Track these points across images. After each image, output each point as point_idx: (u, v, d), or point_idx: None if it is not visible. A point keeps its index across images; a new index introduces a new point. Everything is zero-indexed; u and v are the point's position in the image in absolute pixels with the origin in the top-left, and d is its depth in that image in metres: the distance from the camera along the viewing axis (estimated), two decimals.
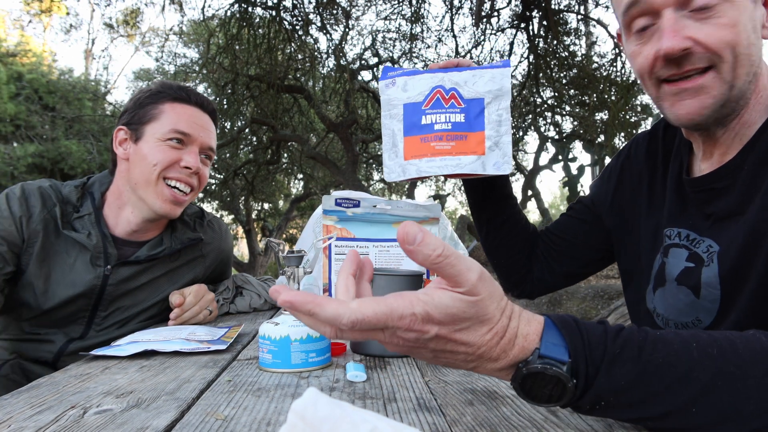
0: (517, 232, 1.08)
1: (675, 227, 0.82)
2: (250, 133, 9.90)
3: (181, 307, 1.18)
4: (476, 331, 0.47)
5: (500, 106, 0.89)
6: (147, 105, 1.22)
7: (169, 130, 1.19)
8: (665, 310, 0.81)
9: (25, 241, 1.12)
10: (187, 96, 1.24)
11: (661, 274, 0.82)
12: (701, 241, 0.77)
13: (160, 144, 1.19)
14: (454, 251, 0.46)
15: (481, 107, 0.89)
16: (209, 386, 0.70)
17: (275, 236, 12.47)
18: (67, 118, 11.39)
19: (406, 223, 0.46)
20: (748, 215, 0.70)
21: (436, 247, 0.45)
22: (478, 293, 0.46)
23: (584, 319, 4.34)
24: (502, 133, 0.88)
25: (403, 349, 0.48)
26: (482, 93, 0.89)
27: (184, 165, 1.20)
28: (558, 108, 8.61)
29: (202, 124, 1.25)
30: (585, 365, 0.47)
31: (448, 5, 7.18)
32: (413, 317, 0.45)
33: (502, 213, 1.07)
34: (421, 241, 0.45)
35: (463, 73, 0.90)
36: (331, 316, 0.44)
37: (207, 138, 1.26)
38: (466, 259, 0.46)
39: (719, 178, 0.74)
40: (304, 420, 0.34)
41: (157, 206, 1.20)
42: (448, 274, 0.46)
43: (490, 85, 0.89)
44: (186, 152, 1.21)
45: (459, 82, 0.90)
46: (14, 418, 0.58)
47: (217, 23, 7.28)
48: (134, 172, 1.20)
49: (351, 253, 0.53)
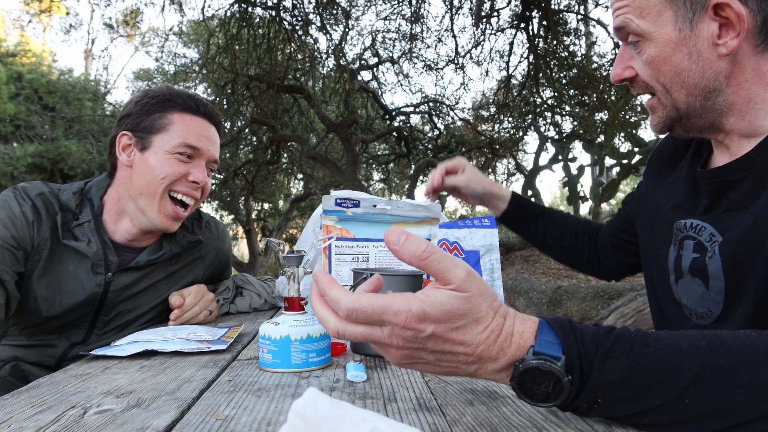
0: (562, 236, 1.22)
1: (685, 218, 0.83)
2: (250, 133, 9.90)
3: (181, 307, 1.18)
4: (472, 329, 0.49)
5: (492, 257, 1.09)
6: (155, 113, 1.19)
7: (179, 143, 1.18)
8: (688, 301, 0.83)
9: (34, 248, 1.11)
10: (197, 107, 1.22)
11: (678, 266, 0.84)
12: (703, 228, 0.78)
13: (169, 157, 1.17)
14: (440, 249, 0.49)
15: (478, 258, 1.08)
16: (209, 386, 0.70)
17: (275, 236, 12.47)
18: (67, 118, 11.39)
19: (390, 228, 0.50)
20: (752, 209, 0.71)
21: (420, 244, 0.48)
22: (468, 289, 0.48)
23: (584, 319, 4.32)
24: (495, 278, 1.07)
25: (403, 356, 0.50)
26: (478, 246, 1.09)
27: (192, 179, 1.19)
28: (558, 108, 8.61)
29: (210, 137, 1.24)
30: (579, 361, 0.49)
31: (448, 5, 7.18)
32: (409, 313, 0.47)
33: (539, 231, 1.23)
34: (405, 240, 0.49)
35: (462, 230, 1.11)
36: (334, 297, 0.49)
37: (214, 151, 1.25)
38: (453, 257, 0.49)
39: (732, 171, 0.75)
40: (304, 420, 0.34)
41: (158, 221, 1.19)
42: (435, 271, 0.48)
43: (483, 241, 1.09)
44: (194, 166, 1.21)
45: (460, 237, 1.10)
46: (14, 418, 0.58)
47: (217, 23, 7.28)
48: (138, 182, 1.18)
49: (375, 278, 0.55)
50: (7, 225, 1.07)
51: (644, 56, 0.76)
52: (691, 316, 0.83)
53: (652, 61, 0.75)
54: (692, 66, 0.73)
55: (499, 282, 1.08)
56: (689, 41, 0.72)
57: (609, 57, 7.30)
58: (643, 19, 0.74)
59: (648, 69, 0.76)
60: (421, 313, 0.47)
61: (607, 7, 7.48)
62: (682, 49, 0.73)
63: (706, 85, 0.74)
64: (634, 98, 6.91)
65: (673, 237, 0.85)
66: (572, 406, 0.50)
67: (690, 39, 0.72)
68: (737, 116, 0.75)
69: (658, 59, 0.75)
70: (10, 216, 1.08)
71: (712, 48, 0.72)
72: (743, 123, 0.75)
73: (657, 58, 0.75)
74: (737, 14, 0.69)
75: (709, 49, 0.72)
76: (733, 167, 0.75)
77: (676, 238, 0.85)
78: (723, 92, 0.74)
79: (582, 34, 7.54)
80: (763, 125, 0.74)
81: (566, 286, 5.26)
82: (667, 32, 0.73)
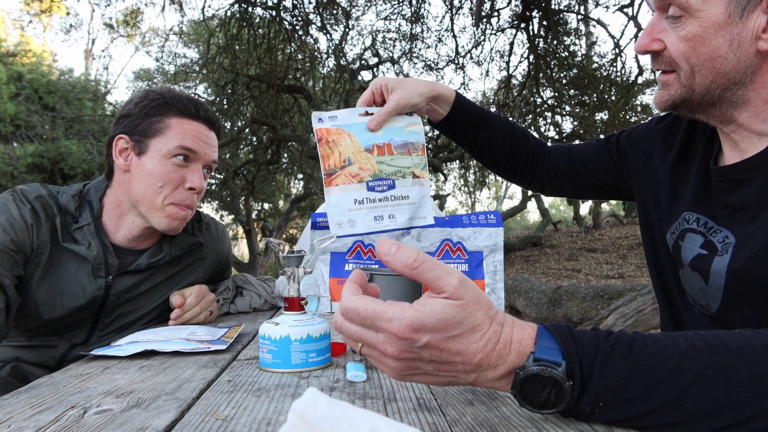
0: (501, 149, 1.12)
1: (695, 212, 0.83)
2: (250, 133, 9.90)
3: (182, 307, 1.18)
4: (468, 338, 0.49)
5: (495, 258, 1.07)
6: (153, 116, 1.18)
7: (176, 146, 1.16)
8: (691, 291, 0.83)
9: (33, 251, 1.10)
10: (196, 111, 1.20)
11: (678, 256, 0.84)
12: (718, 231, 0.78)
13: (165, 162, 1.16)
14: (431, 258, 0.49)
15: (480, 259, 1.07)
16: (209, 386, 0.70)
17: (275, 236, 12.47)
18: (67, 118, 11.39)
19: (381, 240, 0.50)
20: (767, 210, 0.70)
21: (410, 254, 0.48)
22: (461, 296, 0.48)
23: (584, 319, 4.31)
24: (497, 280, 1.06)
25: (401, 368, 0.50)
26: (482, 247, 1.07)
27: (189, 186, 1.18)
28: (558, 108, 8.61)
29: (207, 141, 1.22)
30: (579, 365, 0.49)
31: (448, 5, 7.18)
32: (402, 321, 0.47)
33: (477, 141, 1.11)
34: (396, 251, 0.49)
35: (466, 229, 1.09)
36: (343, 293, 0.51)
37: (212, 154, 1.23)
38: (445, 265, 0.49)
39: (743, 170, 0.75)
40: (304, 420, 0.34)
41: (164, 225, 1.18)
42: (428, 279, 0.48)
43: (488, 241, 1.07)
44: (190, 170, 1.19)
45: (463, 237, 1.07)
46: (14, 418, 0.58)
47: (217, 23, 7.29)
48: (136, 188, 1.17)
49: (356, 273, 0.56)
50: (7, 229, 1.06)
51: (683, 32, 0.72)
52: (695, 305, 0.83)
53: (691, 39, 0.72)
54: (729, 54, 0.71)
55: (501, 284, 1.07)
56: (734, 28, 0.70)
57: (609, 57, 7.30)
58: None
59: (683, 45, 0.73)
60: (415, 322, 0.47)
61: (608, 7, 7.49)
62: (724, 34, 0.70)
63: (734, 77, 0.72)
64: (635, 98, 6.91)
65: (676, 224, 0.85)
66: (574, 412, 0.50)
67: (736, 26, 0.70)
68: (751, 113, 0.74)
69: (698, 38, 0.71)
70: (9, 220, 1.07)
71: (754, 41, 0.70)
72: (756, 120, 0.74)
73: (697, 37, 0.71)
74: None
75: (750, 41, 0.70)
76: (745, 165, 0.75)
77: (678, 226, 0.85)
78: (744, 86, 0.73)
79: (582, 34, 7.54)
80: None
81: (566, 286, 5.26)
82: (715, 13, 0.70)
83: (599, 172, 1.08)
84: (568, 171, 1.11)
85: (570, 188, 1.14)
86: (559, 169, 1.13)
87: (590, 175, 1.09)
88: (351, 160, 0.92)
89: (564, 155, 1.12)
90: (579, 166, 1.10)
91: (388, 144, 0.95)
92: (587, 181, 1.10)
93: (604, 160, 1.06)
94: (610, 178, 1.06)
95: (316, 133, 0.94)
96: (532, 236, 11.20)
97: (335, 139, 0.93)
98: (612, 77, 6.90)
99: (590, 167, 1.09)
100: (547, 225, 12.14)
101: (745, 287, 0.72)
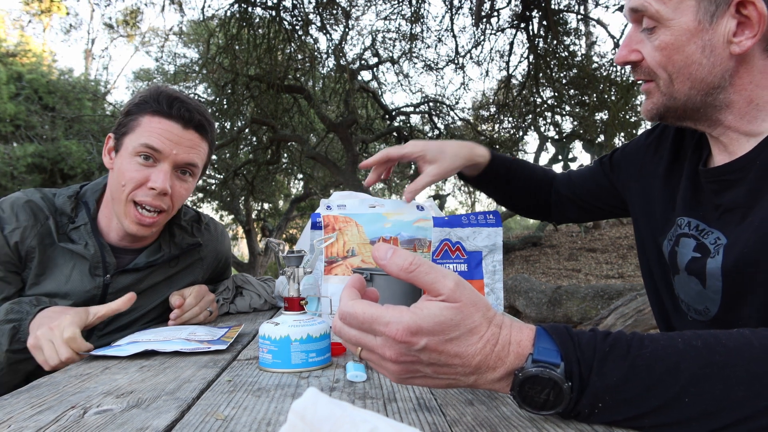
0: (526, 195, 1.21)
1: (686, 216, 0.83)
2: (250, 133, 9.90)
3: (182, 307, 1.18)
4: (466, 340, 0.49)
5: (494, 258, 1.06)
6: (131, 114, 1.16)
7: (140, 144, 1.13)
8: (685, 297, 0.83)
9: (22, 259, 1.12)
10: (168, 109, 1.15)
11: (674, 262, 0.84)
12: (710, 232, 0.78)
13: (131, 159, 1.14)
14: (427, 261, 0.49)
15: (479, 259, 1.06)
16: (209, 386, 0.70)
17: (275, 236, 12.47)
18: (66, 118, 11.38)
19: (377, 244, 0.51)
20: (756, 210, 0.71)
21: (406, 257, 0.49)
22: (458, 299, 0.48)
23: (584, 319, 4.31)
24: (496, 280, 1.06)
25: (401, 371, 0.50)
26: (481, 247, 1.06)
27: (151, 186, 1.13)
28: (558, 108, 8.61)
29: (179, 141, 1.15)
30: (578, 366, 0.49)
31: (448, 5, 7.19)
32: (399, 325, 0.47)
33: (507, 194, 1.21)
34: (392, 255, 0.49)
35: (465, 229, 1.08)
36: (342, 297, 0.52)
37: (184, 154, 1.16)
38: (441, 268, 0.50)
39: (732, 171, 0.75)
40: (304, 420, 0.34)
41: (126, 225, 1.16)
42: (424, 283, 0.49)
43: (487, 241, 1.06)
44: (156, 170, 1.14)
45: (462, 237, 1.07)
46: (14, 418, 0.58)
47: (217, 23, 7.29)
48: (112, 185, 1.17)
49: (354, 278, 0.56)
50: None
51: (656, 42, 0.75)
52: (689, 311, 0.83)
53: (665, 48, 0.74)
54: (703, 60, 0.73)
55: (500, 284, 1.07)
56: (705, 34, 0.72)
57: (609, 57, 7.30)
58: (664, 4, 0.73)
59: (658, 55, 0.75)
60: (413, 326, 0.47)
61: (607, 7, 7.49)
62: (696, 41, 0.72)
63: (711, 81, 0.73)
64: (634, 98, 6.91)
65: (671, 231, 0.85)
66: (574, 413, 0.51)
67: (707, 32, 0.72)
68: (736, 114, 0.75)
69: (671, 47, 0.74)
70: None
71: (726, 45, 0.71)
72: (742, 122, 0.75)
73: (670, 46, 0.74)
74: (760, 14, 0.68)
75: (722, 45, 0.71)
76: (734, 166, 0.75)
77: (674, 233, 0.85)
78: (725, 90, 0.74)
79: (582, 34, 7.54)
80: (763, 126, 0.74)
81: (566, 286, 5.25)
82: (685, 21, 0.72)
83: (599, 192, 1.11)
84: (571, 197, 1.16)
85: (576, 214, 1.18)
86: (562, 196, 1.18)
87: (592, 197, 1.13)
88: (355, 252, 0.98)
89: (565, 183, 1.17)
90: (580, 189, 1.14)
91: (395, 238, 1.00)
92: (591, 204, 1.14)
93: (601, 180, 1.09)
94: (610, 197, 1.09)
95: (323, 219, 0.99)
96: (532, 236, 11.20)
97: (342, 227, 0.98)
98: (612, 77, 6.90)
99: (590, 189, 1.13)
100: (546, 225, 12.14)
101: (742, 287, 0.72)
